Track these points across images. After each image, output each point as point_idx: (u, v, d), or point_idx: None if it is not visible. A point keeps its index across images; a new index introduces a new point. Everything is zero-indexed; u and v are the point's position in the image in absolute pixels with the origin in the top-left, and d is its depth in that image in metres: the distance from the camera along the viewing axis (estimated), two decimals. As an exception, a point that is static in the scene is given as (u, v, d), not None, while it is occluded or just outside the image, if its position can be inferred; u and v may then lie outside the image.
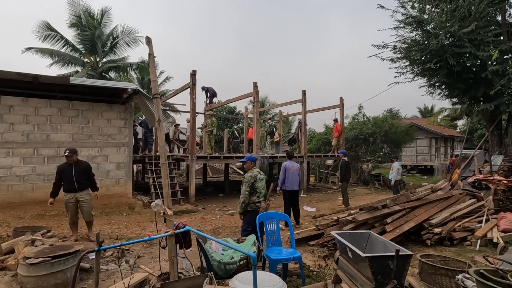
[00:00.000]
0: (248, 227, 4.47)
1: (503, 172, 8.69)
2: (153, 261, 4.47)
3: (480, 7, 8.33)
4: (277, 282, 2.56)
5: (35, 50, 16.86)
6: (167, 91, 21.87)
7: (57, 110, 8.36)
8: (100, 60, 19.00)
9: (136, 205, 8.56)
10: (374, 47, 10.54)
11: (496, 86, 8.54)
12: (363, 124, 16.92)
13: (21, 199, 7.80)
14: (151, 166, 10.22)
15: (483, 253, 4.60)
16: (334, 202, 10.37)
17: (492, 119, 10.25)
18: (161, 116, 2.99)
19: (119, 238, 5.77)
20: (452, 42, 9.01)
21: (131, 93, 8.79)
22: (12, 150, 7.79)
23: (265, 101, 28.07)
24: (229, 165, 16.72)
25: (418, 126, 22.45)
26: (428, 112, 36.75)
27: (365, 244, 2.97)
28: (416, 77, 10.73)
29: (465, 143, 14.49)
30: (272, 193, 12.09)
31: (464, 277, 2.76)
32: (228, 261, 3.12)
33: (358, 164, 16.22)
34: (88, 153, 8.72)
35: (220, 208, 9.22)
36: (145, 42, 3.14)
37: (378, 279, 2.23)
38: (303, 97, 13.19)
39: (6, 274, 3.70)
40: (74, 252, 3.64)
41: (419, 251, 4.71)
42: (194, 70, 9.76)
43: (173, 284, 2.68)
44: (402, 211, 5.40)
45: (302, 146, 13.43)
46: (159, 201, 2.90)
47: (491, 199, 6.91)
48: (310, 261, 4.34)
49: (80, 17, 17.41)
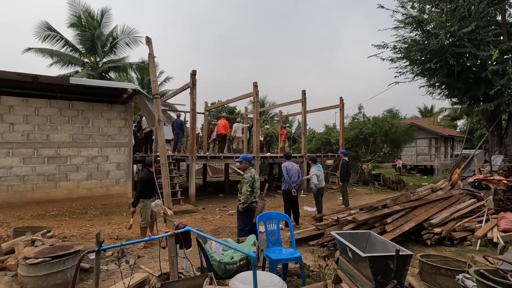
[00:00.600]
0: (246, 227, 4.56)
1: (503, 172, 8.68)
2: (153, 261, 4.47)
3: (480, 7, 8.32)
4: (277, 282, 2.56)
5: (35, 50, 16.86)
6: (167, 91, 21.88)
7: (57, 110, 8.36)
8: (100, 60, 19.00)
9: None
10: (374, 47, 10.55)
11: (496, 86, 8.54)
12: (363, 124, 16.92)
13: (21, 199, 7.80)
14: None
15: (483, 253, 4.60)
16: (334, 202, 10.37)
17: (492, 119, 10.24)
18: (161, 116, 2.99)
19: (119, 238, 5.77)
20: (452, 42, 9.00)
21: (131, 93, 8.80)
22: (12, 150, 7.79)
23: (265, 101, 28.10)
24: (229, 165, 16.73)
25: (418, 126, 22.46)
26: (428, 112, 36.79)
27: (365, 244, 2.97)
28: (416, 77, 10.72)
29: (465, 143, 14.49)
30: (272, 193, 12.10)
31: (464, 277, 2.76)
32: (228, 261, 3.12)
33: (358, 164, 16.23)
34: (88, 153, 8.73)
35: (220, 208, 9.22)
36: (145, 42, 3.14)
37: (378, 279, 2.23)
38: (303, 97, 13.19)
39: (6, 274, 3.70)
40: (74, 252, 3.64)
41: (419, 251, 4.71)
42: (194, 70, 9.76)
43: (173, 284, 2.68)
44: (402, 211, 5.41)
45: (302, 146, 13.43)
46: (159, 201, 2.91)
47: (491, 199, 6.91)
48: (310, 261, 4.34)
49: (80, 17, 17.41)
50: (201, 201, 10.29)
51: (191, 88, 9.75)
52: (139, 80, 22.16)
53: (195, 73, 9.77)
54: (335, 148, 15.77)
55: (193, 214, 8.36)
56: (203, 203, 10.04)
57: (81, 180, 8.62)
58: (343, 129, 14.63)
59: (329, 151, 16.00)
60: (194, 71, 9.77)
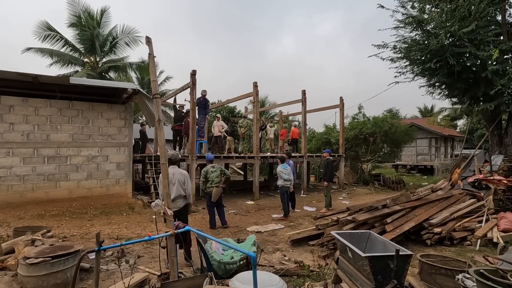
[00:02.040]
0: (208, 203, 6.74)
1: (503, 172, 8.67)
2: (153, 261, 4.47)
3: (480, 6, 8.32)
4: (277, 282, 2.56)
5: (35, 50, 16.86)
6: (167, 91, 21.87)
7: (57, 110, 8.36)
8: (100, 60, 19.00)
9: (136, 205, 8.55)
10: (374, 47, 10.54)
11: (496, 85, 8.53)
12: (363, 124, 16.92)
13: (21, 199, 7.80)
14: (151, 166, 10.23)
15: (483, 253, 4.60)
16: (334, 202, 10.35)
17: (492, 119, 10.24)
18: (161, 116, 2.99)
19: (119, 238, 5.76)
20: (452, 42, 9.00)
21: (131, 93, 8.79)
22: (12, 150, 7.79)
23: (265, 101, 28.07)
24: (229, 165, 16.72)
25: (418, 126, 22.45)
26: (428, 112, 36.79)
27: (365, 244, 2.97)
28: (416, 77, 10.71)
29: (465, 143, 14.49)
30: (272, 193, 12.08)
31: (464, 277, 2.77)
32: (228, 261, 3.12)
33: (358, 164, 16.23)
34: (88, 153, 8.72)
35: (220, 208, 9.21)
36: (145, 42, 3.14)
37: (378, 279, 2.23)
38: (303, 97, 13.19)
39: (6, 274, 3.70)
40: (74, 252, 3.64)
41: (419, 251, 4.71)
42: (194, 70, 9.76)
43: (173, 284, 2.68)
44: (402, 211, 5.41)
45: (302, 146, 13.44)
46: (159, 201, 2.91)
47: (491, 199, 6.91)
48: (310, 261, 4.34)
49: (80, 17, 17.41)
50: (201, 201, 10.28)
51: (191, 88, 9.75)
52: (139, 80, 22.16)
53: (195, 73, 9.77)
54: (335, 148, 15.77)
55: (193, 214, 8.35)
56: (203, 203, 10.02)
57: (81, 180, 8.62)
58: (343, 129, 14.63)
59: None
60: (194, 71, 9.77)
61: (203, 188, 6.67)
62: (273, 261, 4.42)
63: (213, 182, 6.54)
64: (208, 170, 6.64)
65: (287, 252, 4.96)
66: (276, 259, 4.55)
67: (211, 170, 6.64)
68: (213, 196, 6.49)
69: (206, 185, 6.60)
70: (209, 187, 6.56)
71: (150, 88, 14.79)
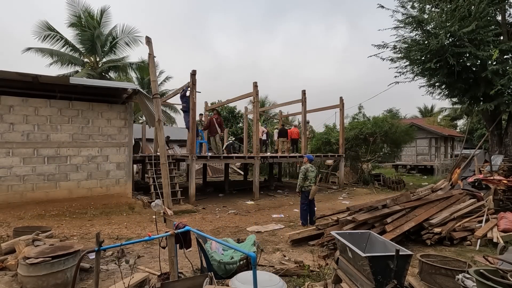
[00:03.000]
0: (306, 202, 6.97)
1: (503, 172, 8.68)
2: (153, 261, 4.47)
3: (480, 7, 8.32)
4: (277, 282, 2.56)
5: (35, 50, 16.86)
6: (167, 91, 21.88)
7: (57, 110, 8.36)
8: (100, 60, 19.00)
9: (136, 205, 8.56)
10: (374, 47, 10.55)
11: (496, 85, 8.53)
12: (363, 124, 16.91)
13: (21, 199, 7.80)
14: (151, 166, 10.23)
15: (483, 253, 4.60)
16: (335, 202, 10.37)
17: (492, 119, 10.24)
18: (161, 116, 2.99)
19: (119, 238, 5.76)
20: (452, 42, 9.01)
21: (131, 93, 8.79)
22: (12, 150, 7.79)
23: (265, 100, 28.09)
24: (229, 165, 16.73)
25: (418, 126, 22.44)
26: (428, 112, 36.80)
27: (365, 244, 2.97)
28: (416, 77, 10.71)
29: (465, 143, 14.48)
30: (272, 193, 12.07)
31: (464, 277, 2.77)
32: (228, 261, 3.12)
33: (358, 164, 16.23)
34: (88, 153, 8.72)
35: (220, 208, 9.22)
36: (145, 42, 3.14)
37: (378, 279, 2.23)
38: (303, 97, 13.19)
39: (6, 274, 3.70)
40: (74, 252, 3.64)
41: (419, 251, 4.71)
42: (194, 70, 9.76)
43: (173, 284, 2.68)
44: (402, 211, 5.41)
45: (302, 146, 13.43)
46: (159, 201, 2.90)
47: (491, 199, 6.91)
48: (310, 261, 4.34)
49: (80, 17, 17.41)
50: (201, 201, 10.29)
51: (191, 88, 9.75)
52: (139, 80, 22.16)
53: (195, 73, 9.77)
54: (335, 148, 15.78)
55: (193, 214, 8.36)
56: (203, 203, 10.05)
57: (81, 180, 8.62)
58: (343, 129, 14.63)
59: (329, 151, 16.00)
60: (194, 71, 9.77)
61: (301, 184, 6.98)
62: (273, 261, 4.42)
63: (311, 181, 6.96)
64: (308, 169, 7.01)
65: (287, 252, 4.96)
66: (276, 259, 4.55)
67: (311, 170, 7.05)
68: (311, 194, 6.86)
69: (305, 182, 6.97)
70: (308, 185, 6.95)
71: (150, 88, 14.81)
